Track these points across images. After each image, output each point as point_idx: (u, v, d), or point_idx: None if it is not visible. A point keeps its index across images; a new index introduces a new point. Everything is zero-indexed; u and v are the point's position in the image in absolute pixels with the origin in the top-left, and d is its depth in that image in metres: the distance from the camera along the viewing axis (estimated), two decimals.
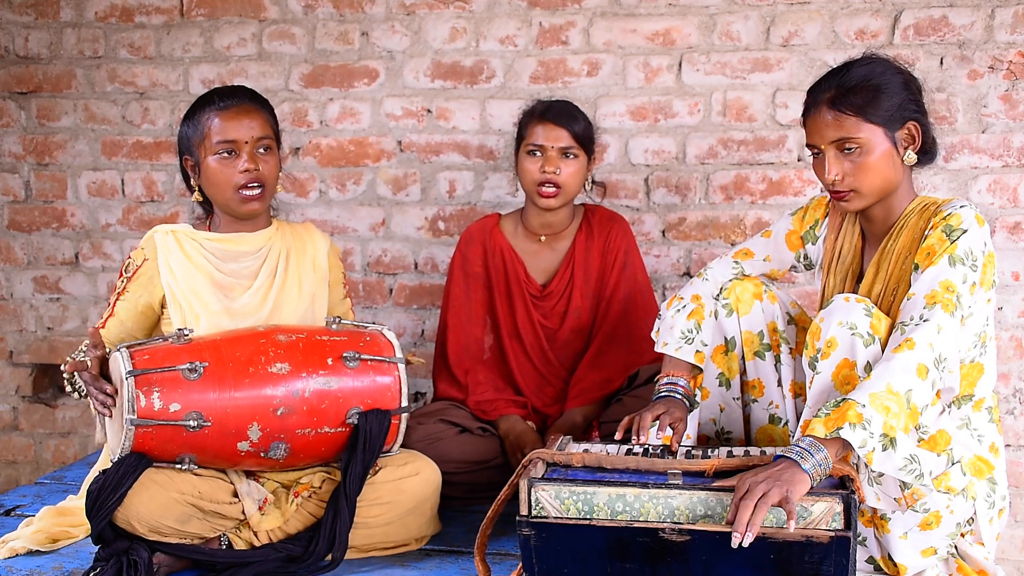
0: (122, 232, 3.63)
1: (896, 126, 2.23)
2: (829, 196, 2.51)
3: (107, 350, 2.34)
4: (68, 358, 2.34)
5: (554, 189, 2.86)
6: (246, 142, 2.45)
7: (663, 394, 2.44)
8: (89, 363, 2.26)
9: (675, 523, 1.96)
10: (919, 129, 2.25)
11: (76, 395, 2.44)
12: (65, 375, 2.38)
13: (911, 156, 2.26)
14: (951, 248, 2.14)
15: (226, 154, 2.45)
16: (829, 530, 1.92)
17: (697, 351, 2.47)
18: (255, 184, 2.46)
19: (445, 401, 2.96)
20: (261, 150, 2.47)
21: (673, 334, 2.48)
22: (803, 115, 2.32)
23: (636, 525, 1.97)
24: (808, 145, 2.30)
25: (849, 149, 2.22)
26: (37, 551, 2.45)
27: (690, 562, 1.97)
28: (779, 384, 2.48)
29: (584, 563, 2.03)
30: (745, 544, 1.88)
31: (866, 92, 2.22)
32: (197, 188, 2.53)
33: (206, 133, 2.46)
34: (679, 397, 2.43)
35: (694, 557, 1.97)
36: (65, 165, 3.65)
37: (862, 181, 2.23)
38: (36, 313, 3.72)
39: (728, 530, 1.90)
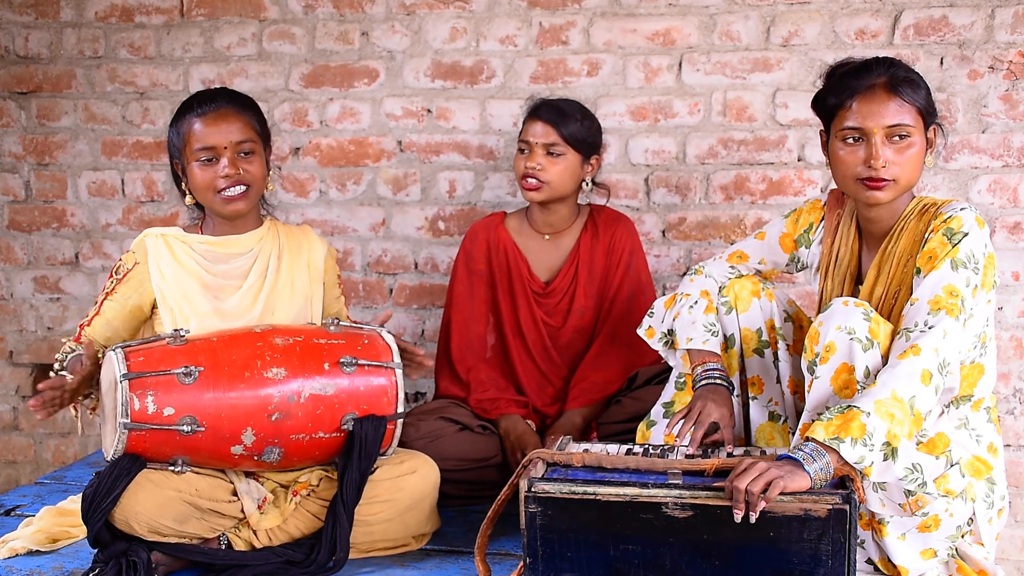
0: (122, 232, 3.63)
1: (929, 125, 2.24)
2: (824, 200, 2.51)
3: (98, 351, 2.35)
4: (59, 358, 2.37)
5: (535, 182, 2.88)
6: (225, 147, 2.45)
7: (704, 382, 2.41)
8: (70, 379, 2.24)
9: (678, 497, 1.98)
10: (937, 134, 2.27)
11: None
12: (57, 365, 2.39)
13: (929, 159, 2.26)
14: (953, 252, 2.14)
15: (206, 160, 2.46)
16: (827, 504, 1.93)
17: (720, 343, 2.48)
18: (237, 186, 2.47)
19: (446, 399, 2.96)
20: (242, 153, 2.48)
21: (696, 328, 2.46)
22: (846, 97, 2.22)
23: (640, 499, 1.99)
24: (848, 128, 2.21)
25: (900, 137, 2.19)
26: (37, 551, 2.45)
27: (691, 541, 1.99)
28: (778, 381, 2.48)
29: (587, 545, 2.03)
30: (751, 520, 1.90)
31: (915, 85, 2.21)
32: (188, 192, 2.54)
33: (187, 139, 2.48)
34: (721, 382, 2.41)
35: (695, 535, 1.98)
36: (65, 165, 3.65)
37: (904, 172, 2.21)
38: (36, 313, 3.72)
39: (731, 504, 1.92)
